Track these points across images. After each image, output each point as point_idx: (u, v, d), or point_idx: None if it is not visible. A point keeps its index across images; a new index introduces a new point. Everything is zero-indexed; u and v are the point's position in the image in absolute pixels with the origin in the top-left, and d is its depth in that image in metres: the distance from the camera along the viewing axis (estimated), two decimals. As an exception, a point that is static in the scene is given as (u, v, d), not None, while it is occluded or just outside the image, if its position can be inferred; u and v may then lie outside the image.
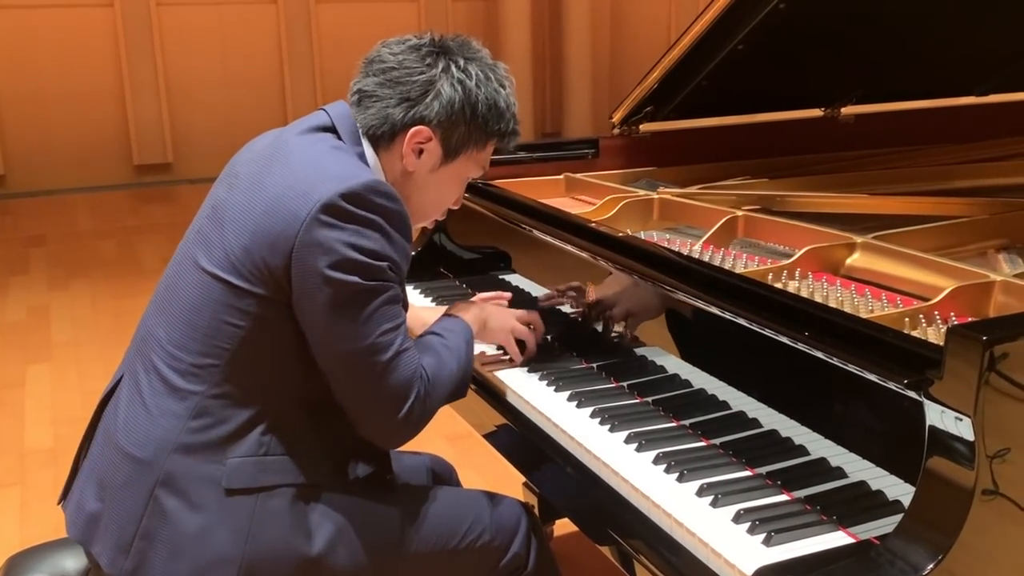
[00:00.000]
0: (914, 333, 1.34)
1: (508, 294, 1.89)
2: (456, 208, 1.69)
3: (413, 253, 2.34)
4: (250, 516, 1.39)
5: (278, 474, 1.42)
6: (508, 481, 1.37)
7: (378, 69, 1.53)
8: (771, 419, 1.38)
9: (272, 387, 1.44)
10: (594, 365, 1.73)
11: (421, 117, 1.51)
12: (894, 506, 1.19)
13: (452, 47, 1.54)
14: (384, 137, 1.53)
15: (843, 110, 2.66)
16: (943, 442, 1.09)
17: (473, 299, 1.82)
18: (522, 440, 1.65)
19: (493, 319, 1.73)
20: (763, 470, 1.34)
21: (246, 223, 1.43)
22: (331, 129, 1.53)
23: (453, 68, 1.51)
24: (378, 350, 1.40)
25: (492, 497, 1.61)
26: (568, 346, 1.81)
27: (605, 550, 1.43)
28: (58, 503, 1.54)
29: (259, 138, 1.62)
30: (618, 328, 1.71)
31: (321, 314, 1.39)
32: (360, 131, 1.53)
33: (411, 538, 1.49)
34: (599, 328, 1.76)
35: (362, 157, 1.51)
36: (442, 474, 1.88)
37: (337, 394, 1.44)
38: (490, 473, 2.51)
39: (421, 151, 1.53)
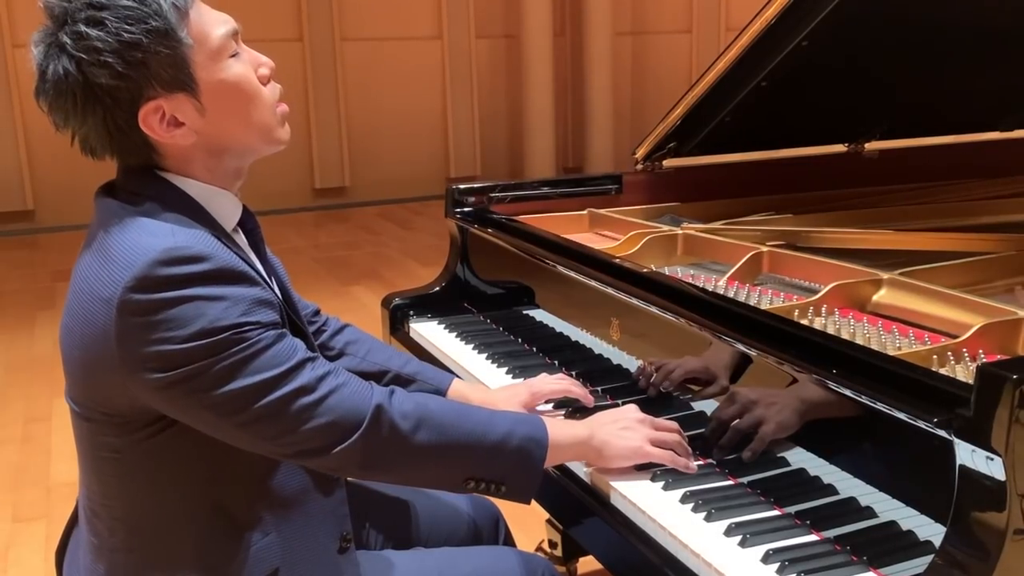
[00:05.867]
0: (942, 371, 1.33)
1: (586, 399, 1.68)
2: (268, 71, 1.31)
3: (437, 288, 2.36)
4: None
5: None
6: (532, 517, 1.36)
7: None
8: (799, 457, 1.37)
9: (190, 509, 1.24)
10: (619, 402, 1.72)
11: (131, 103, 1.21)
12: (925, 546, 1.17)
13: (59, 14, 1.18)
14: (143, 137, 1.23)
15: (867, 145, 2.66)
16: (974, 481, 1.08)
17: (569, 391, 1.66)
18: (546, 479, 1.64)
19: (610, 447, 1.43)
20: (792, 509, 1.33)
21: (70, 352, 1.22)
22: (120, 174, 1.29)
23: (66, 46, 1.17)
24: (287, 398, 1.18)
25: (518, 559, 1.55)
26: (593, 383, 1.81)
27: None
28: None
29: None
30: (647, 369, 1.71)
31: (201, 418, 1.18)
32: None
33: None
34: (627, 368, 1.76)
35: (163, 192, 1.25)
36: (483, 527, 1.75)
37: (273, 456, 1.24)
38: (513, 507, 2.49)
39: (171, 119, 1.22)
